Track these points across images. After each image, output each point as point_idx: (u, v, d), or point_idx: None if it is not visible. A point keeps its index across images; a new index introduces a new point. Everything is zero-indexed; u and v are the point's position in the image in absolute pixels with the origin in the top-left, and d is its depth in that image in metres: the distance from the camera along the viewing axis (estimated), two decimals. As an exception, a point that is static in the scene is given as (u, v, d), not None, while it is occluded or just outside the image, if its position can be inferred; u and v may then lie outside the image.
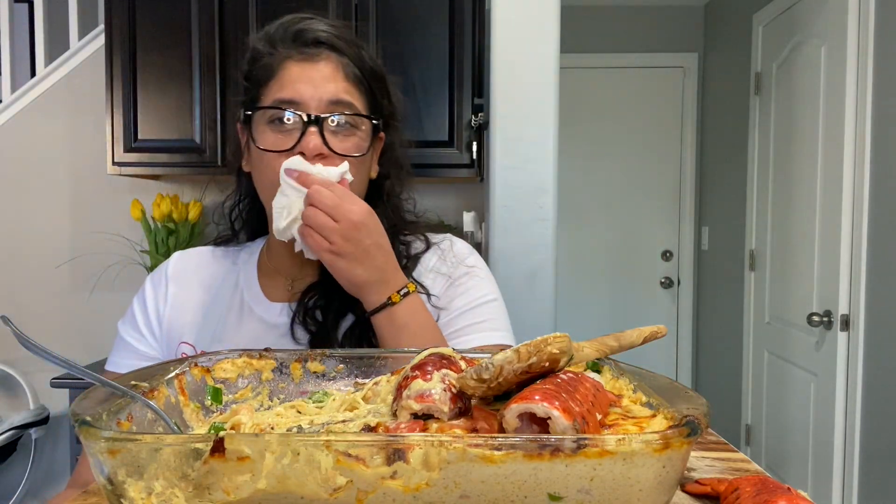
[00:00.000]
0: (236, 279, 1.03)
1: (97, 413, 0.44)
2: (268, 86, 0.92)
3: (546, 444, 0.39)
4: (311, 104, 0.90)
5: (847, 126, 2.41)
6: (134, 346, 1.00)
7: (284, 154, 0.89)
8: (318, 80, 0.91)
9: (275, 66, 0.92)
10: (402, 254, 0.99)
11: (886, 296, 2.25)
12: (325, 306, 0.94)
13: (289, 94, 0.90)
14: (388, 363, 0.64)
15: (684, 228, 4.19)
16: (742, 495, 0.47)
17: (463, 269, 1.00)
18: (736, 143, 3.48)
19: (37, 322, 2.70)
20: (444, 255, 1.02)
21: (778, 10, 3.00)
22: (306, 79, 0.90)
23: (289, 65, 0.92)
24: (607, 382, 0.57)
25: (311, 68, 0.91)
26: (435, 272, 1.00)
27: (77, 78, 2.71)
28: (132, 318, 1.03)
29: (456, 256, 1.02)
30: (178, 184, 2.73)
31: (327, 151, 0.89)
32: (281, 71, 0.92)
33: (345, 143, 0.91)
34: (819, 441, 2.62)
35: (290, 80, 0.91)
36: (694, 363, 4.23)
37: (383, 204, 1.00)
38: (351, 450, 0.39)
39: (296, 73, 0.91)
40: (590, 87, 4.11)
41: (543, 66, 1.90)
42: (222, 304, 1.00)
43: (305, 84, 0.90)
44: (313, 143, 0.88)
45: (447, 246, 1.03)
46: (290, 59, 0.92)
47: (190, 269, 1.05)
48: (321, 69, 0.91)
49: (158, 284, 1.03)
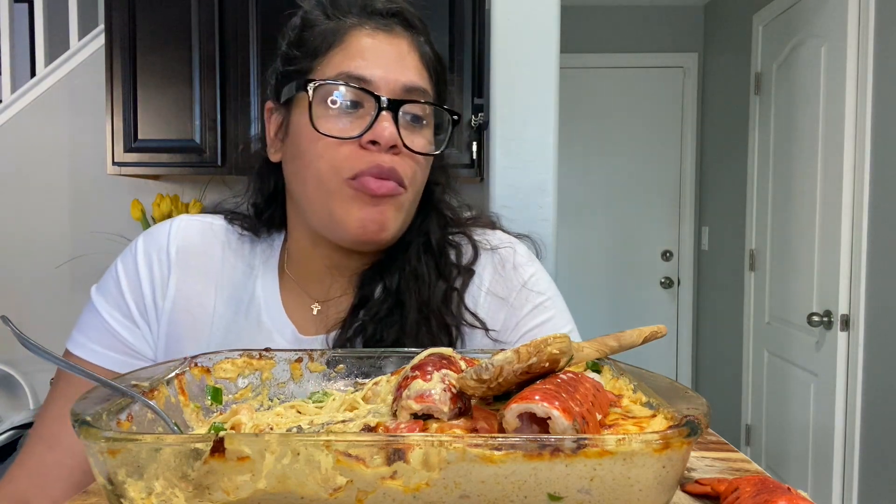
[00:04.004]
0: (253, 288, 0.84)
1: (97, 413, 0.44)
2: (328, 56, 0.76)
3: (546, 444, 0.39)
4: (383, 86, 0.74)
5: (847, 126, 2.41)
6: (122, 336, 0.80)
7: (347, 142, 0.74)
8: (392, 57, 0.76)
9: (339, 32, 0.76)
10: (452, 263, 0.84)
11: (886, 296, 2.25)
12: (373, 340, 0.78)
13: (358, 68, 0.74)
14: (388, 363, 0.64)
15: (684, 228, 4.19)
16: (742, 495, 0.47)
17: (532, 300, 0.83)
18: (736, 143, 3.48)
19: (37, 322, 2.70)
20: (502, 272, 0.85)
21: (778, 10, 3.00)
22: (379, 53, 0.75)
23: (357, 33, 0.76)
24: (607, 382, 0.57)
25: (385, 41, 0.76)
26: (492, 295, 0.83)
27: (77, 78, 2.72)
28: (118, 298, 0.81)
29: (519, 276, 0.85)
30: (178, 184, 2.73)
31: (401, 146, 0.75)
32: (347, 39, 0.76)
33: (415, 139, 0.77)
34: (819, 441, 2.62)
35: (359, 51, 0.75)
36: (694, 363, 4.23)
37: (435, 213, 0.86)
38: (351, 450, 0.39)
39: (367, 43, 0.75)
40: (590, 87, 4.11)
41: (543, 66, 1.90)
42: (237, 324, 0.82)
43: (377, 60, 0.75)
44: (389, 132, 0.73)
45: (507, 256, 0.86)
46: (360, 27, 0.76)
47: (198, 251, 0.84)
48: (396, 45, 0.77)
49: (156, 262, 0.82)
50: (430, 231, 0.85)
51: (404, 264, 0.83)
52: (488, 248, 0.87)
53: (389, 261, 0.84)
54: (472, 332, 0.82)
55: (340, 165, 0.74)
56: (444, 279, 0.83)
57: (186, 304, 0.82)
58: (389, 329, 0.78)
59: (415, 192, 0.80)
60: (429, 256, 0.83)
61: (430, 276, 0.82)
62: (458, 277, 0.84)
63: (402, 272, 0.82)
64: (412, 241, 0.84)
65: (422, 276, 0.81)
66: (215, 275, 0.84)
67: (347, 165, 0.74)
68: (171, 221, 0.86)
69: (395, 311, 0.80)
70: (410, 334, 0.78)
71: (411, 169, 0.77)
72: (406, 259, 0.83)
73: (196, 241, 0.85)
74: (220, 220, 0.89)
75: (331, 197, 0.76)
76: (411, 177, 0.77)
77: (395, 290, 0.81)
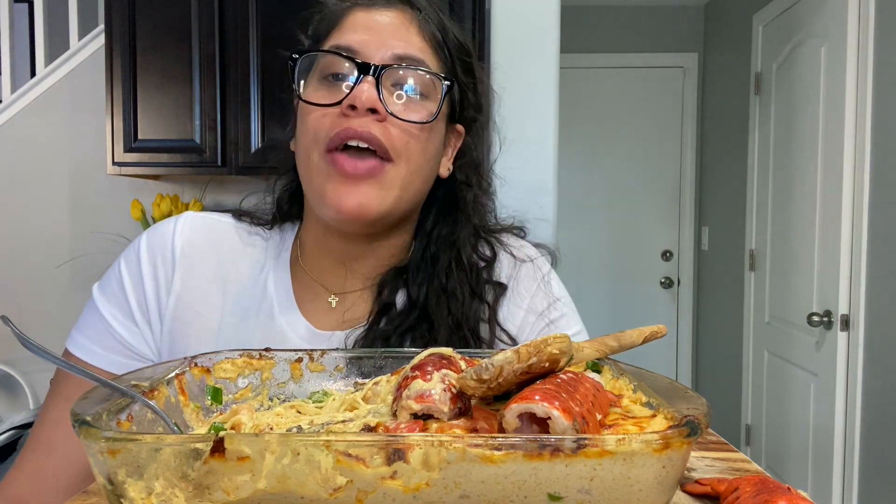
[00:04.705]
0: (264, 282, 0.82)
1: (97, 413, 0.44)
2: (328, 38, 0.77)
3: (546, 444, 0.39)
4: (371, 55, 0.73)
5: (847, 126, 2.41)
6: (122, 337, 0.78)
7: (331, 111, 0.72)
8: (386, 28, 0.75)
9: (338, 14, 0.78)
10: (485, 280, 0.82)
11: (886, 296, 2.25)
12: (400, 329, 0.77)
13: (348, 40, 0.74)
14: (388, 363, 0.64)
15: (684, 228, 4.19)
16: (742, 495, 0.47)
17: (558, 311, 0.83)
18: (736, 143, 3.48)
19: (37, 322, 2.70)
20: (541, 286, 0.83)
21: (778, 10, 3.00)
22: (372, 26, 0.75)
23: (354, 12, 0.77)
24: (607, 382, 0.57)
25: (378, 14, 0.76)
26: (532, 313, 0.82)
27: (77, 78, 2.72)
28: (119, 297, 0.79)
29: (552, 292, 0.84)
30: (178, 184, 2.73)
31: (382, 110, 0.71)
32: (344, 19, 0.77)
33: (408, 107, 0.74)
34: (819, 441, 2.62)
35: (352, 26, 0.76)
36: (694, 363, 4.23)
37: (460, 215, 0.83)
38: (351, 450, 0.39)
39: (361, 20, 0.76)
40: (590, 87, 4.11)
41: (543, 66, 1.90)
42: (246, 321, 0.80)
43: (369, 32, 0.74)
44: (367, 95, 0.70)
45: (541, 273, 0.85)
46: (357, 6, 0.77)
47: (204, 247, 0.81)
48: (392, 18, 0.76)
49: (160, 259, 0.80)
50: (460, 246, 0.82)
51: (433, 279, 0.80)
52: (523, 261, 0.85)
53: (415, 269, 0.81)
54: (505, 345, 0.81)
55: (318, 134, 0.73)
56: (478, 298, 0.80)
57: (192, 301, 0.79)
58: (416, 343, 0.77)
59: (410, 166, 0.75)
60: (461, 273, 0.81)
61: (462, 294, 0.79)
62: (490, 291, 0.82)
63: (429, 285, 0.80)
64: (439, 255, 0.81)
65: (453, 293, 0.79)
66: (223, 272, 0.81)
67: (324, 134, 0.72)
68: (177, 218, 0.83)
69: (421, 323, 0.78)
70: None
71: (400, 139, 0.73)
72: (435, 274, 0.80)
73: (202, 237, 0.82)
74: (227, 217, 0.87)
75: (312, 171, 0.74)
76: (401, 147, 0.73)
77: (421, 302, 0.79)
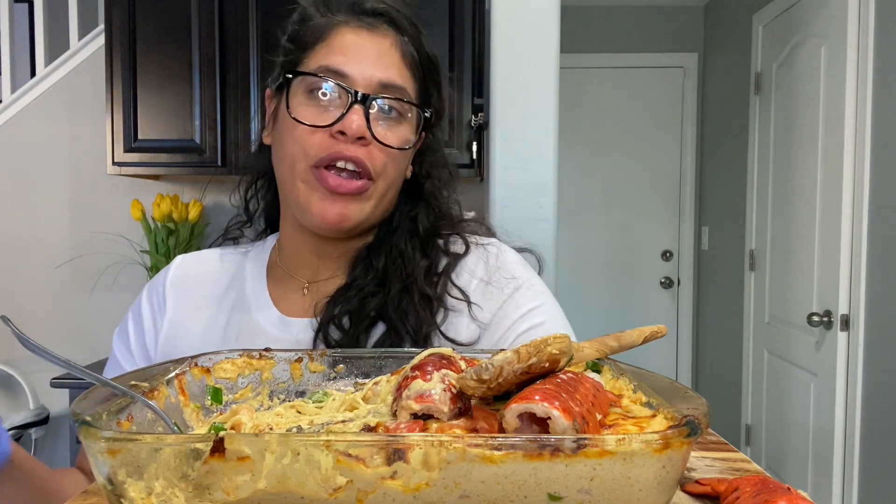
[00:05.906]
0: (242, 287, 0.90)
1: (97, 413, 0.44)
2: (314, 50, 0.82)
3: (546, 444, 0.39)
4: (360, 81, 0.79)
5: (847, 126, 2.41)
6: (122, 366, 0.89)
7: (320, 130, 0.79)
8: (372, 54, 0.81)
9: (326, 28, 0.82)
10: (441, 250, 0.88)
11: (886, 296, 2.25)
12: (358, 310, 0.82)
13: (337, 63, 0.80)
14: (388, 363, 0.64)
15: (684, 228, 4.19)
16: (742, 495, 0.47)
17: (513, 284, 0.86)
18: (736, 143, 3.48)
19: (37, 322, 2.70)
20: (489, 263, 0.88)
21: (778, 10, 3.01)
22: (359, 50, 0.80)
23: (342, 30, 0.81)
24: (607, 382, 0.57)
25: (367, 38, 0.81)
26: (477, 279, 0.86)
27: (77, 78, 2.72)
28: (125, 333, 0.91)
29: (503, 267, 0.88)
30: (178, 184, 2.73)
31: (370, 137, 0.79)
32: (332, 36, 0.81)
33: (389, 133, 0.81)
34: (819, 441, 2.62)
35: (341, 47, 0.80)
36: (694, 363, 4.23)
37: (424, 204, 0.90)
38: (351, 450, 0.39)
39: (349, 40, 0.81)
40: (590, 87, 4.11)
41: (543, 66, 1.90)
42: (226, 321, 0.88)
43: (357, 56, 0.80)
44: (357, 125, 0.77)
45: (494, 252, 0.89)
46: (346, 24, 0.82)
47: (192, 276, 0.92)
48: (378, 43, 0.82)
49: (154, 294, 0.91)
50: (419, 220, 0.89)
51: (391, 247, 0.87)
52: (479, 245, 0.90)
53: (377, 244, 0.88)
54: (458, 313, 0.84)
55: (308, 151, 0.79)
56: (427, 258, 0.87)
57: (183, 319, 0.89)
58: (372, 299, 0.83)
59: (387, 182, 0.83)
60: (415, 240, 0.88)
61: (414, 255, 0.87)
62: (443, 259, 0.88)
63: (388, 254, 0.87)
64: (399, 226, 0.89)
65: (407, 256, 0.86)
66: (209, 291, 0.91)
67: (314, 152, 0.79)
68: (170, 263, 0.95)
69: (380, 287, 0.85)
70: (392, 304, 0.82)
71: (380, 161, 0.81)
72: (394, 243, 0.88)
73: (190, 270, 0.93)
74: (214, 249, 0.97)
75: (297, 180, 0.81)
76: (381, 168, 0.81)
77: (381, 268, 0.86)
